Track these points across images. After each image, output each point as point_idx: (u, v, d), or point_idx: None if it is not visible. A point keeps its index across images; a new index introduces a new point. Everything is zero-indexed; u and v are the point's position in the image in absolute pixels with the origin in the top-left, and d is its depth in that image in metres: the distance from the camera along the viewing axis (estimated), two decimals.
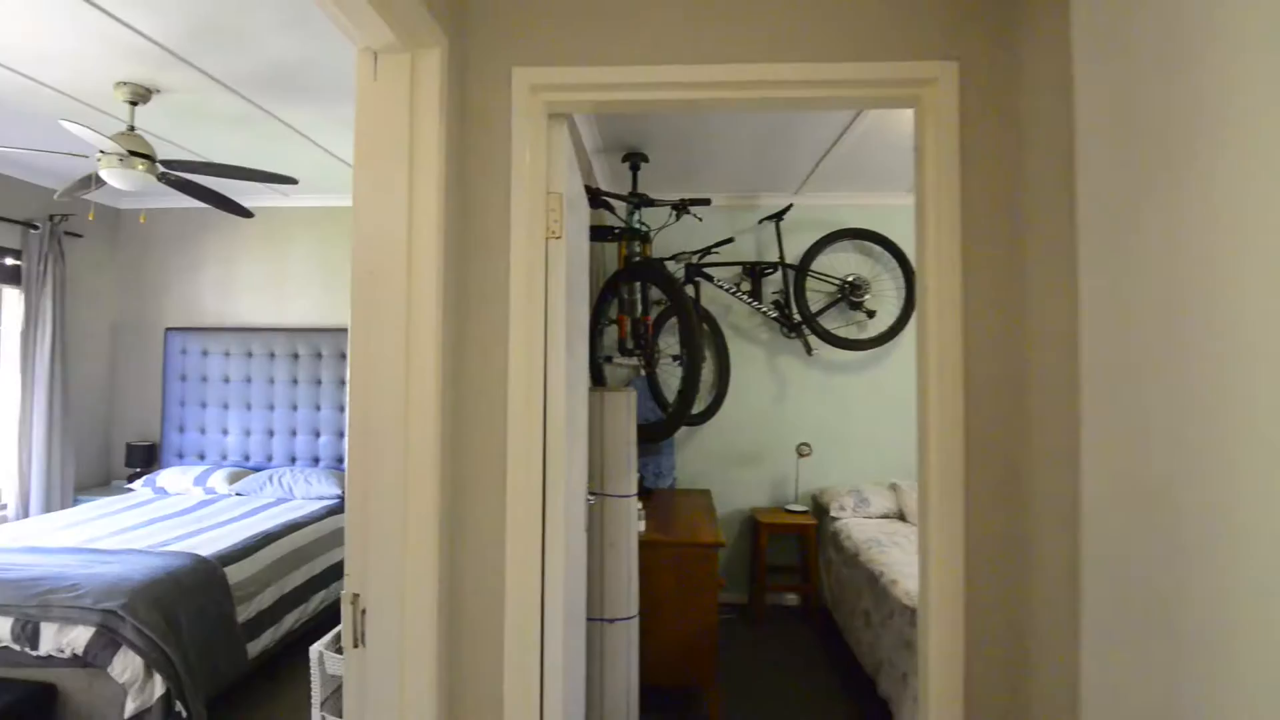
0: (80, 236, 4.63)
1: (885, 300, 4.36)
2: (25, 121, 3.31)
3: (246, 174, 3.09)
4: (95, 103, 3.08)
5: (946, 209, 1.53)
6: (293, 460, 4.84)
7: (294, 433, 4.85)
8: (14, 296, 4.23)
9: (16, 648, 2.51)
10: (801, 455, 4.21)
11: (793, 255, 4.36)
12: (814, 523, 4.07)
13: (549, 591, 1.69)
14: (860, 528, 3.86)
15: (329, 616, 3.90)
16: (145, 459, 4.89)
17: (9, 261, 4.16)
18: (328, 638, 2.26)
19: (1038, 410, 1.43)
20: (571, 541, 1.94)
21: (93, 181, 3.09)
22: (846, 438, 4.46)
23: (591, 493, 2.64)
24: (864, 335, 4.29)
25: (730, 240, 4.19)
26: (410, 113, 1.41)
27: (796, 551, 4.44)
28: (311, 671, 2.20)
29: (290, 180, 3.22)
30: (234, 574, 3.15)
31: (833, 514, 4.11)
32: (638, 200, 3.45)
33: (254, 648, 3.17)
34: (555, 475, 1.70)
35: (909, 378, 4.41)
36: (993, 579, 1.50)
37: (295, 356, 4.85)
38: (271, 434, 4.87)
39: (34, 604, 2.52)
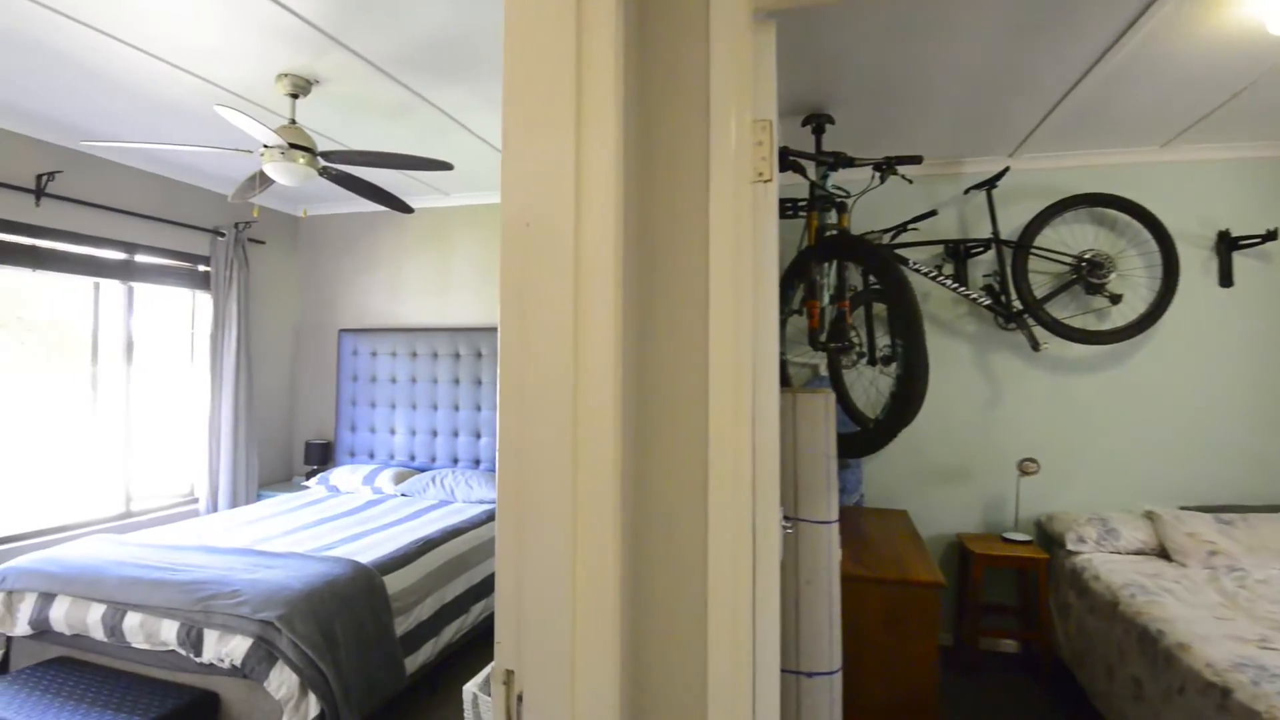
0: (262, 243, 4.83)
1: (1133, 282, 3.50)
2: (198, 124, 3.37)
3: (402, 161, 2.93)
4: (259, 98, 3.04)
5: None
6: (455, 461, 4.77)
7: (455, 433, 4.78)
8: (205, 301, 4.44)
9: (182, 652, 2.45)
10: (1026, 473, 3.44)
11: (1008, 230, 3.62)
12: (1044, 556, 3.29)
13: (761, 654, 1.25)
14: (1110, 566, 3.07)
15: (488, 628, 3.71)
16: (321, 457, 5.04)
17: (200, 268, 4.38)
18: (481, 677, 1.95)
19: None
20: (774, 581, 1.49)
21: (258, 180, 3.06)
22: (1081, 453, 3.61)
23: (786, 517, 2.17)
24: (1106, 325, 3.46)
25: (933, 213, 3.51)
26: (578, 3, 1.02)
27: (1016, 588, 3.68)
28: (465, 717, 1.90)
29: (446, 166, 3.03)
30: (393, 583, 2.98)
31: (1069, 547, 3.31)
32: (833, 160, 2.87)
33: (412, 662, 2.98)
34: (767, 501, 1.26)
35: (1168, 376, 3.58)
36: None
37: (456, 356, 4.79)
38: (435, 434, 4.83)
39: (198, 609, 2.45)
